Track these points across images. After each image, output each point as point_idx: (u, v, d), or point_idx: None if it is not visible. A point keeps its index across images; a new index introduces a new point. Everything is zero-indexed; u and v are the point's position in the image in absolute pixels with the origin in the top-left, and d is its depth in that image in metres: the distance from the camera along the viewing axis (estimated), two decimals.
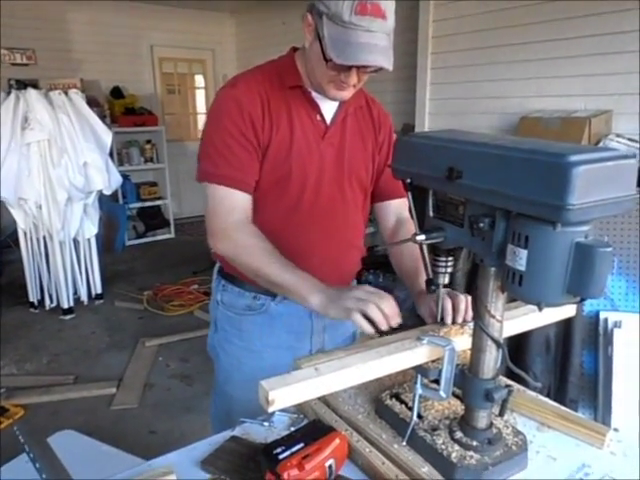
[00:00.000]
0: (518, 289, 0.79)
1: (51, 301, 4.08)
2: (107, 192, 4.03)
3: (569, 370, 1.92)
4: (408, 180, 0.95)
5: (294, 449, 0.87)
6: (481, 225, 0.83)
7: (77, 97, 3.84)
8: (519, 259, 0.78)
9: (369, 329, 0.98)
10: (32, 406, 2.78)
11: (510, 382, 1.15)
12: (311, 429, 0.93)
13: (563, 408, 1.14)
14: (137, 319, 4.05)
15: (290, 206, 1.26)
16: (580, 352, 1.94)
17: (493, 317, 0.91)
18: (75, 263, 4.08)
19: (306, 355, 0.96)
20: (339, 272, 1.38)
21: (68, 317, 4.00)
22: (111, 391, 2.96)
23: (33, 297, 4.08)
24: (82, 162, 3.76)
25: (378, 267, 3.73)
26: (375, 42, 1.06)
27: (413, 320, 1.20)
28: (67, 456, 2.12)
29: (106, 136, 3.94)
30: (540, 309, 0.79)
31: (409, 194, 0.97)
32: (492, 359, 0.94)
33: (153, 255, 5.73)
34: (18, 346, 3.53)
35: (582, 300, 0.81)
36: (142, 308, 4.23)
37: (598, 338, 2.01)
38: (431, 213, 0.98)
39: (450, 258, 1.02)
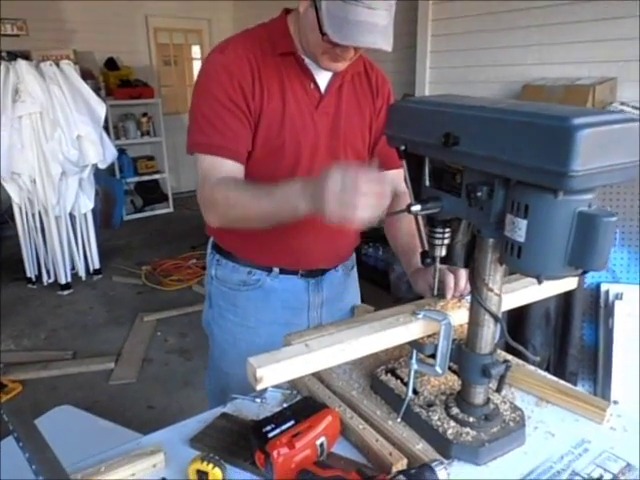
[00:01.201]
0: (517, 261, 0.75)
1: (49, 277, 4.06)
2: (102, 166, 3.97)
3: (569, 343, 1.90)
4: (402, 147, 0.91)
5: (284, 427, 0.85)
6: (479, 194, 0.79)
7: (69, 68, 3.75)
8: (518, 230, 0.74)
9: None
10: (30, 382, 2.79)
11: (509, 356, 1.12)
12: (303, 406, 0.91)
13: (562, 382, 1.12)
14: (135, 294, 4.04)
15: (283, 179, 1.21)
16: (580, 325, 1.91)
17: (491, 290, 0.88)
18: (72, 238, 4.05)
19: (296, 331, 0.92)
20: (335, 247, 1.34)
21: (66, 292, 3.99)
22: (109, 366, 2.96)
23: (30, 273, 4.06)
24: (76, 135, 3.70)
25: (377, 240, 3.70)
26: (375, 21, 0.99)
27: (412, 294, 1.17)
28: (64, 431, 2.13)
29: (100, 108, 3.86)
30: (540, 282, 0.75)
31: (404, 162, 0.93)
32: (490, 334, 0.91)
33: (151, 230, 5.70)
34: (16, 322, 3.53)
35: (584, 273, 0.77)
36: (140, 283, 4.22)
37: (599, 310, 1.98)
38: (427, 182, 0.94)
39: (447, 229, 0.98)
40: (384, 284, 3.11)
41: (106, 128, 5.64)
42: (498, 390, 0.97)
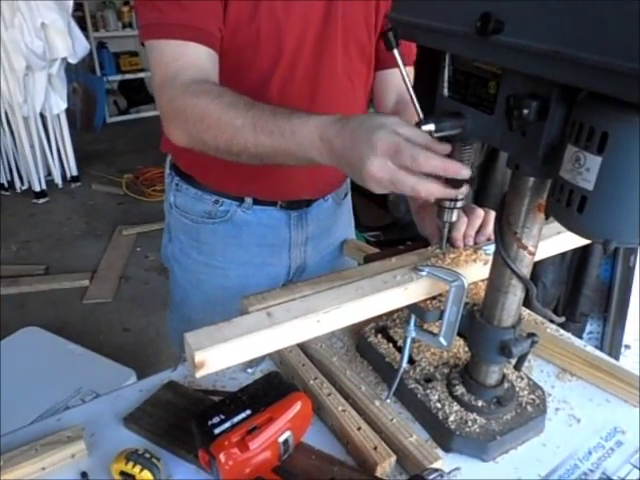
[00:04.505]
0: (576, 217, 0.51)
1: (22, 183, 3.79)
2: (72, 60, 3.54)
3: (584, 282, 1.69)
4: (413, 38, 0.63)
5: (236, 420, 0.64)
6: (525, 111, 0.53)
7: None
8: (585, 171, 0.49)
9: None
10: None
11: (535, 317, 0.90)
12: (264, 387, 0.70)
13: (590, 351, 0.92)
14: (116, 205, 3.79)
15: (257, 86, 0.90)
16: (599, 262, 1.70)
17: (524, 248, 0.64)
18: (44, 141, 3.72)
19: (256, 292, 0.69)
20: (325, 173, 1.04)
21: (41, 201, 3.73)
22: (84, 283, 2.78)
23: (2, 178, 3.78)
24: (39, 23, 3.25)
25: None
26: None
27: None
28: (29, 355, 1.98)
29: None
30: (606, 250, 0.51)
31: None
32: (515, 302, 0.69)
33: (136, 134, 5.31)
34: None
35: None
36: (121, 193, 3.95)
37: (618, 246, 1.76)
38: (445, 92, 0.67)
39: (462, 189, 0.70)
40: (381, 201, 2.87)
41: (82, 18, 5.12)
42: (517, 368, 0.76)
